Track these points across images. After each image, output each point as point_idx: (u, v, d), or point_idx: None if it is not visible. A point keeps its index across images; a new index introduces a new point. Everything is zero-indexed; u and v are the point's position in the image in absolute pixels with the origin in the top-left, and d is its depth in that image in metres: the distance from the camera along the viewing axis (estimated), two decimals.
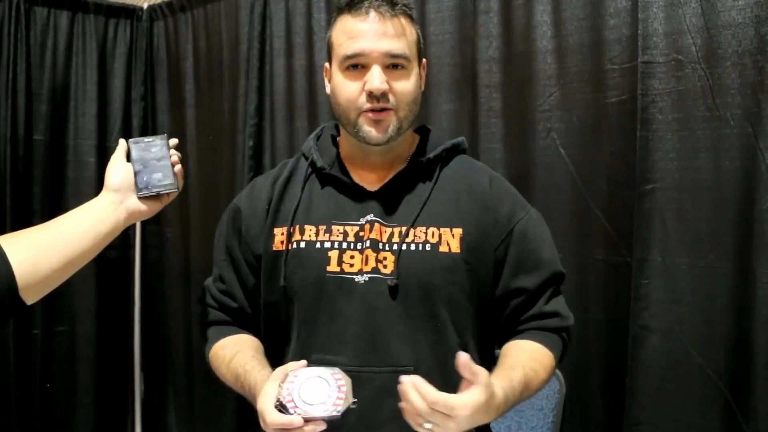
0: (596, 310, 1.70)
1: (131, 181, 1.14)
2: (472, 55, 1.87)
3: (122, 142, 1.18)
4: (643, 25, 1.55)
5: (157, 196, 1.15)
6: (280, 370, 1.02)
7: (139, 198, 1.13)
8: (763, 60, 1.40)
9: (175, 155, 1.19)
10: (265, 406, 0.97)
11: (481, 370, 0.95)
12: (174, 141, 1.20)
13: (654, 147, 1.54)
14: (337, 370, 1.00)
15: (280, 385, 0.98)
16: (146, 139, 1.19)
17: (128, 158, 1.16)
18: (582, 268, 1.71)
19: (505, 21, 1.82)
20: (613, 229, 1.66)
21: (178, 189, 1.17)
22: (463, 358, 0.93)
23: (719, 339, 1.49)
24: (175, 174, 1.17)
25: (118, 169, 1.14)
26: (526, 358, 1.13)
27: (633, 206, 1.58)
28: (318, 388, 0.96)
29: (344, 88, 1.15)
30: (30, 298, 1.00)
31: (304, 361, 1.03)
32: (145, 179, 1.14)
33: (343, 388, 0.97)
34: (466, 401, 0.92)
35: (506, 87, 1.83)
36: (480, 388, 0.94)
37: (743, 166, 1.44)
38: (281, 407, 0.96)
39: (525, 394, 1.08)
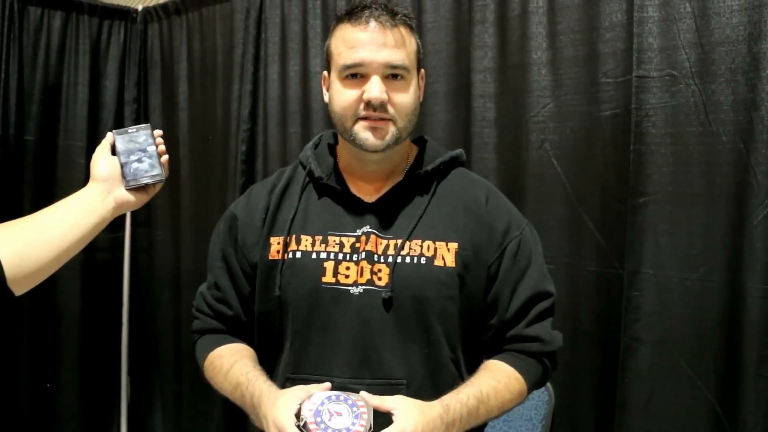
0: (587, 321, 1.71)
1: (118, 172, 1.12)
2: (467, 65, 1.88)
3: (109, 134, 1.17)
4: (638, 40, 1.57)
5: (144, 187, 1.14)
6: (301, 389, 1.02)
7: (127, 189, 1.12)
8: (755, 77, 1.42)
9: (161, 144, 1.17)
10: (285, 423, 0.97)
11: (394, 402, 1.01)
12: (159, 131, 1.19)
13: (647, 161, 1.56)
14: (359, 396, 1.01)
15: (300, 405, 0.99)
16: (130, 130, 1.17)
17: (113, 151, 1.15)
18: (574, 279, 1.72)
19: (501, 32, 1.83)
20: (605, 241, 1.67)
21: (164, 178, 1.16)
22: (373, 403, 1.00)
23: (709, 351, 1.50)
24: (161, 163, 1.15)
25: (104, 161, 1.12)
26: (488, 376, 1.13)
27: (625, 219, 1.59)
28: (340, 413, 0.97)
29: (342, 95, 1.15)
30: (19, 290, 0.99)
31: (328, 384, 1.03)
32: (132, 170, 1.12)
33: (365, 416, 0.97)
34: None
35: (500, 97, 1.84)
36: (398, 415, 0.99)
37: (735, 182, 1.46)
38: (303, 427, 0.96)
39: (482, 410, 1.08)
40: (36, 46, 2.52)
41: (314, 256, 1.16)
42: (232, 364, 1.16)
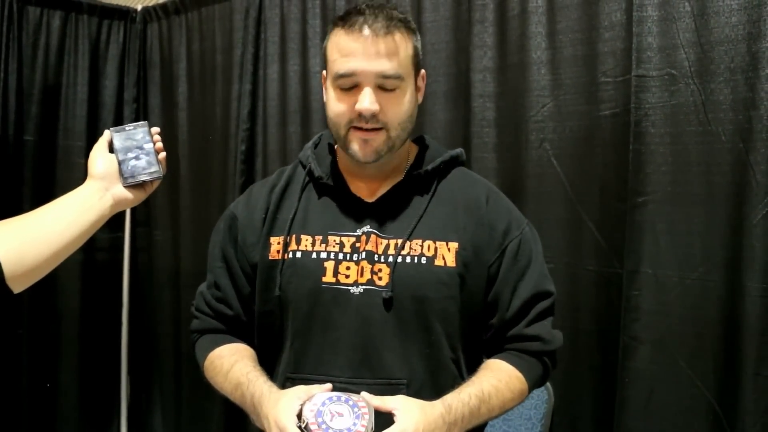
0: (587, 321, 1.71)
1: (116, 169, 1.12)
2: (467, 64, 1.88)
3: (106, 132, 1.18)
4: (637, 39, 1.57)
5: (142, 184, 1.14)
6: (302, 389, 1.02)
7: (125, 186, 1.12)
8: (754, 77, 1.42)
9: (159, 141, 1.18)
10: (287, 424, 0.97)
11: (395, 402, 1.01)
12: (156, 128, 1.19)
13: (646, 160, 1.56)
14: (360, 396, 1.01)
15: (302, 405, 0.99)
16: (128, 127, 1.17)
17: (111, 148, 1.15)
18: (573, 279, 1.72)
19: (500, 32, 1.83)
20: (604, 240, 1.67)
21: (162, 176, 1.16)
22: (374, 403, 1.00)
23: (708, 351, 1.50)
24: (159, 161, 1.16)
25: (101, 158, 1.13)
26: (489, 376, 1.14)
27: (625, 218, 1.59)
28: (341, 414, 0.98)
29: (335, 103, 1.15)
30: (17, 287, 0.99)
31: (329, 385, 1.03)
32: (129, 168, 1.13)
33: (366, 416, 0.98)
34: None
35: (500, 97, 1.84)
36: (399, 415, 0.99)
37: (734, 181, 1.46)
38: (305, 428, 0.97)
39: (483, 410, 1.09)
40: (35, 46, 2.52)
41: (314, 255, 1.16)
42: (232, 364, 1.16)
